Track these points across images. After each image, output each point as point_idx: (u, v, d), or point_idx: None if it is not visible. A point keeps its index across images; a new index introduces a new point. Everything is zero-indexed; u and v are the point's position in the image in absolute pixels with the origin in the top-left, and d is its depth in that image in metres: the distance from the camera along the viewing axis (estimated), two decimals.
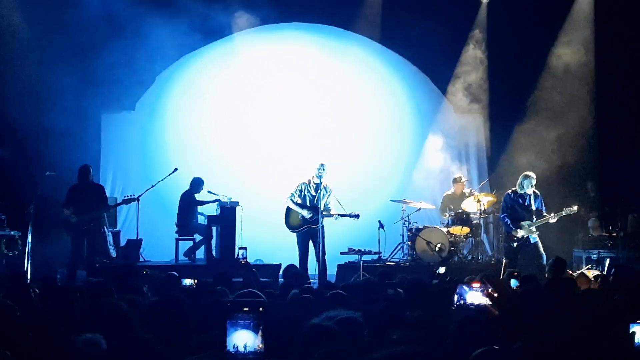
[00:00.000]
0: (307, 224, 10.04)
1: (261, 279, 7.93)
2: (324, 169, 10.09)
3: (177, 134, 13.00)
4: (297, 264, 9.62)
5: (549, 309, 4.98)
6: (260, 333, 3.50)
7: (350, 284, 7.02)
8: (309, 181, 10.16)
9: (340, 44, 13.43)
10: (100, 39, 11.48)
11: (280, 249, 10.86)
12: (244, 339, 3.52)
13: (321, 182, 10.10)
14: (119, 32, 11.95)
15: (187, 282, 6.52)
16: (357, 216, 10.15)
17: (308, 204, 10.10)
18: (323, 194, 10.10)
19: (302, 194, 10.14)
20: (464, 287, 5.14)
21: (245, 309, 3.50)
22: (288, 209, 10.19)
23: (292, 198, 10.15)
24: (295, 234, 10.16)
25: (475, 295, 5.04)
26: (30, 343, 3.47)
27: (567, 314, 4.93)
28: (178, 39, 11.84)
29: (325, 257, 10.04)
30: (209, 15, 11.83)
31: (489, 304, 4.55)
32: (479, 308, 4.80)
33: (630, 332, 4.08)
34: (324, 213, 10.02)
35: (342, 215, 10.14)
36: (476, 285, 5.13)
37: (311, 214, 9.98)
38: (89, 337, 3.37)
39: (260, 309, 3.52)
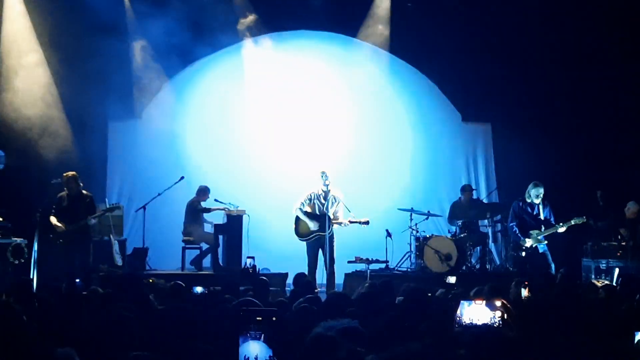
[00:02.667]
0: (316, 232, 10.02)
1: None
2: (326, 177, 10.06)
3: (183, 143, 12.98)
4: (306, 273, 9.57)
5: (558, 318, 4.95)
6: (271, 343, 3.46)
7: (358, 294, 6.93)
8: (319, 190, 10.14)
9: (348, 52, 13.39)
10: (107, 46, 11.48)
11: (288, 257, 10.82)
12: (255, 349, 3.48)
13: (329, 191, 10.08)
14: (126, 40, 11.98)
15: (198, 289, 6.47)
16: (367, 223, 10.10)
17: (317, 212, 10.08)
18: (332, 203, 10.08)
19: (312, 202, 10.12)
20: (467, 303, 4.79)
21: (257, 319, 3.46)
22: (297, 217, 10.16)
23: (302, 207, 10.12)
24: (304, 243, 10.13)
25: (479, 313, 4.71)
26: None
27: (575, 323, 4.90)
28: (185, 46, 11.86)
29: (334, 266, 10.01)
30: (216, 23, 11.84)
31: (499, 322, 4.40)
32: (485, 327, 4.54)
33: (636, 340, 4.05)
34: (333, 221, 10.00)
35: (352, 222, 10.10)
36: (480, 301, 4.79)
37: (318, 227, 9.97)
38: (62, 352, 3.31)
39: (274, 318, 3.47)
